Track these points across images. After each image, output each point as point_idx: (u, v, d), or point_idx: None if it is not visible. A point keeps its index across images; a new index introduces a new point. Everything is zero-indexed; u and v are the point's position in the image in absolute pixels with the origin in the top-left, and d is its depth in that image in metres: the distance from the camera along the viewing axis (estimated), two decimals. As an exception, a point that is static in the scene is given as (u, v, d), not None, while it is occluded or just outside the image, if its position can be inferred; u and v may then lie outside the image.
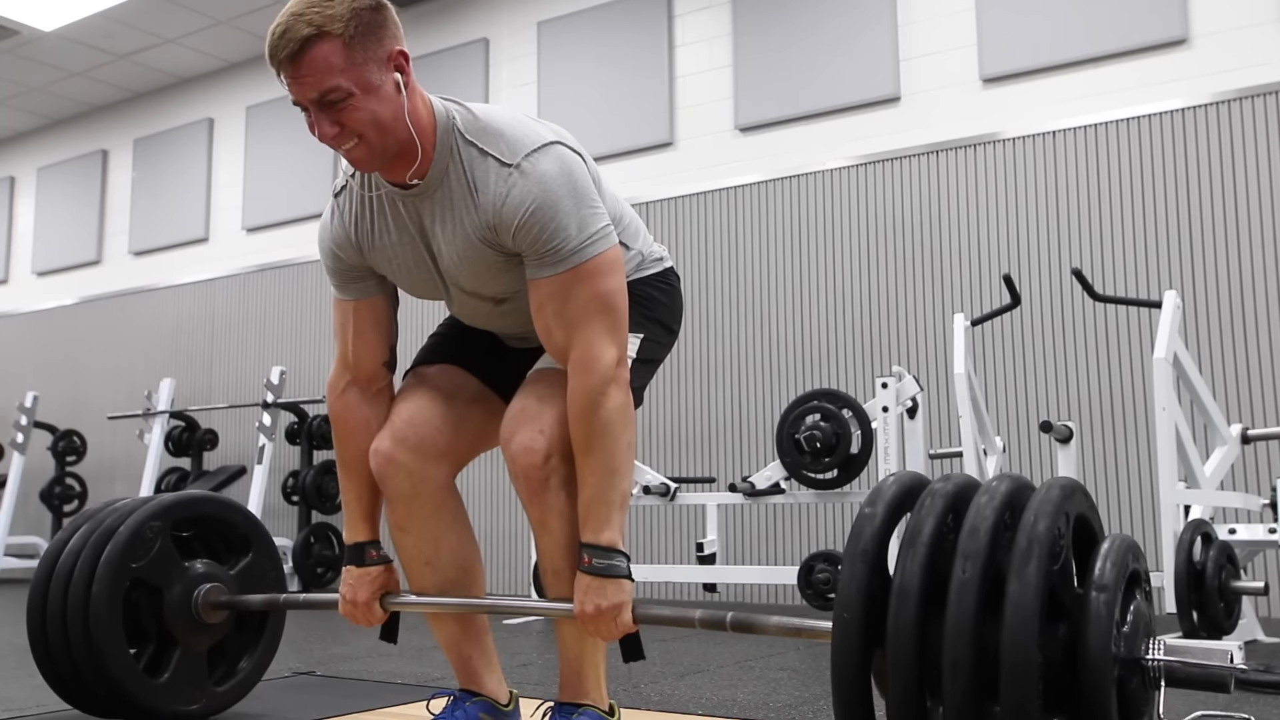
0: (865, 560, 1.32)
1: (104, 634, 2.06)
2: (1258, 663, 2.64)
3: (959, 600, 1.23)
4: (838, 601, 1.32)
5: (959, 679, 1.21)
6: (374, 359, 1.82)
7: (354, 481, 1.84)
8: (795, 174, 5.32)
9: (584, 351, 1.62)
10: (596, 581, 1.60)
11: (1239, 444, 3.50)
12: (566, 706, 1.76)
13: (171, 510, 2.20)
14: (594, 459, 1.62)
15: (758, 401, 5.26)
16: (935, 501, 1.32)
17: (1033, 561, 1.22)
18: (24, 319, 8.29)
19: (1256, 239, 4.33)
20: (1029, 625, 1.19)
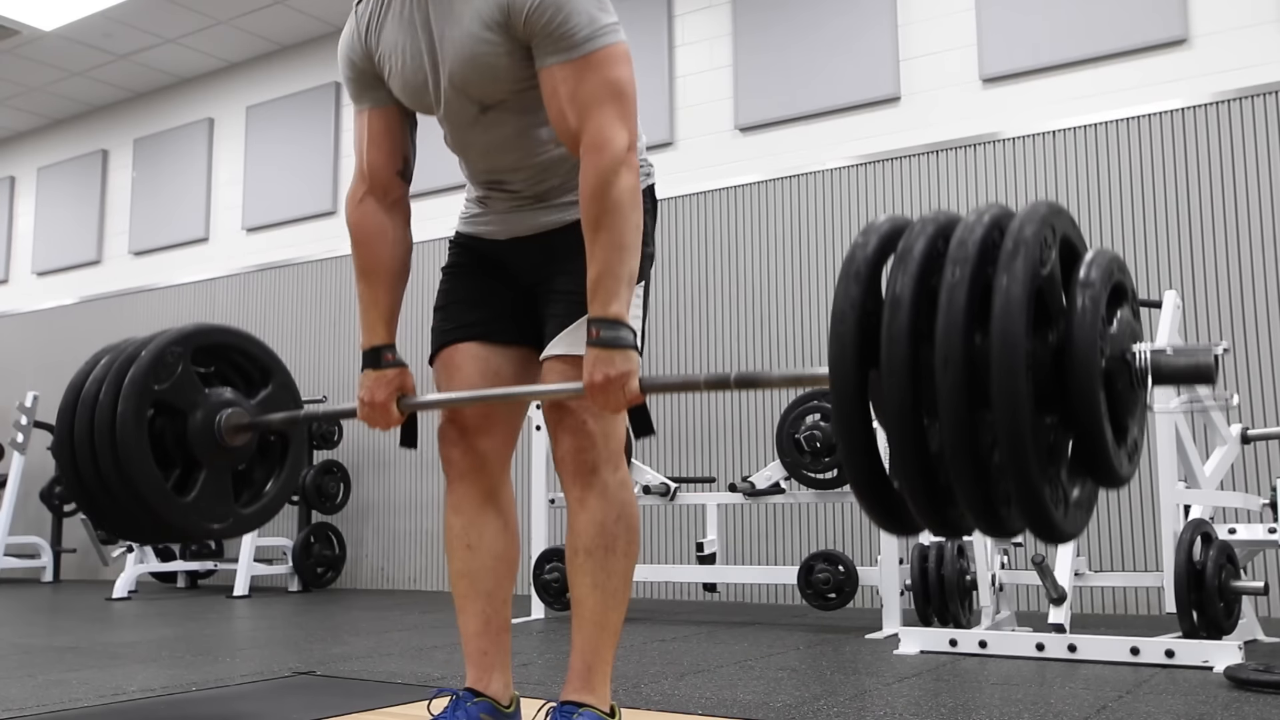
0: (858, 280, 1.35)
1: (131, 451, 2.07)
2: (1258, 663, 2.64)
3: (949, 301, 1.27)
4: (833, 320, 1.35)
5: (950, 374, 1.25)
6: (388, 167, 1.87)
7: (371, 286, 1.88)
8: (795, 174, 5.33)
9: (595, 134, 1.67)
10: (604, 352, 1.64)
11: (1239, 444, 3.50)
12: (568, 706, 1.76)
13: (191, 337, 2.25)
14: (604, 235, 1.66)
15: (758, 401, 5.26)
16: (926, 226, 1.37)
17: (1019, 258, 1.26)
18: (24, 319, 8.29)
19: (1256, 239, 4.33)
20: (1017, 317, 1.23)
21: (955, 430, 1.26)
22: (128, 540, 2.29)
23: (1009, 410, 1.22)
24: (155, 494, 2.09)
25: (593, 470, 1.76)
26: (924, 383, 1.28)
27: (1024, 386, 1.22)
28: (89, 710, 2.40)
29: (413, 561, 6.28)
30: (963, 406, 1.25)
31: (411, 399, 1.88)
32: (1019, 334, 1.23)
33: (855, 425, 1.33)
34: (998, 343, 1.23)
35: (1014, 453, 1.23)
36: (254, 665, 3.07)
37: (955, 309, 1.26)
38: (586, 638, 1.78)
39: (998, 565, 3.45)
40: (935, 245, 1.34)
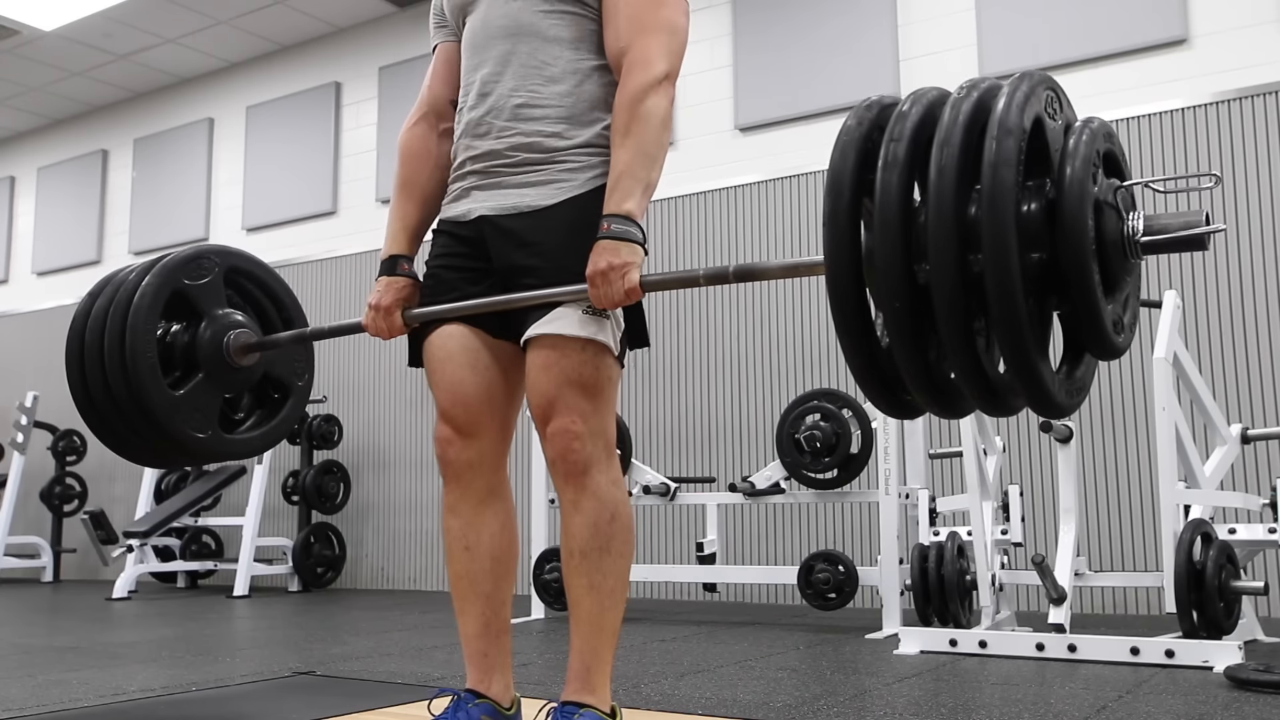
0: (870, 111, 1.43)
1: (139, 324, 2.12)
2: (1258, 663, 2.64)
3: (950, 117, 1.32)
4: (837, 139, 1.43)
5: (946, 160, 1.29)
6: (445, 95, 1.99)
7: (406, 199, 1.96)
8: (795, 174, 5.33)
9: (641, 54, 1.75)
10: (612, 243, 1.69)
11: (1239, 444, 3.50)
12: (569, 706, 1.76)
13: (231, 256, 2.32)
14: (631, 140, 1.73)
15: (758, 401, 5.26)
16: (931, 92, 1.44)
17: (1021, 88, 1.32)
18: (24, 319, 8.29)
19: (1256, 239, 4.33)
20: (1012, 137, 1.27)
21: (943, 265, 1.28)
22: (112, 442, 2.27)
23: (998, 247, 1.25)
24: (148, 375, 2.11)
25: (584, 471, 1.74)
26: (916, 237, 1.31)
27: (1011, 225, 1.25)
28: (89, 710, 2.40)
29: (413, 561, 6.28)
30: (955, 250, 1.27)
31: (416, 310, 1.91)
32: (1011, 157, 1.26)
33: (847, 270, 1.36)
34: (990, 172, 1.26)
35: (1002, 293, 1.24)
36: (254, 665, 3.06)
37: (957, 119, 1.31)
38: (585, 639, 1.78)
39: (998, 565, 3.45)
40: (944, 93, 1.39)
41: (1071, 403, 1.36)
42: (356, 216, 6.75)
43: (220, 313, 2.24)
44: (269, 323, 2.37)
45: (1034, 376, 1.28)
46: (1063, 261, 1.28)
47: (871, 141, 1.40)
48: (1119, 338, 1.36)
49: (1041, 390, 1.29)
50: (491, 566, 1.89)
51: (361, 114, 6.86)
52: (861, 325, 1.36)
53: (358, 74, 6.90)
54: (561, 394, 1.74)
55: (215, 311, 2.24)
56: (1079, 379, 1.38)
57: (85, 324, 2.20)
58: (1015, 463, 4.62)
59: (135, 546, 5.85)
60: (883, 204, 1.32)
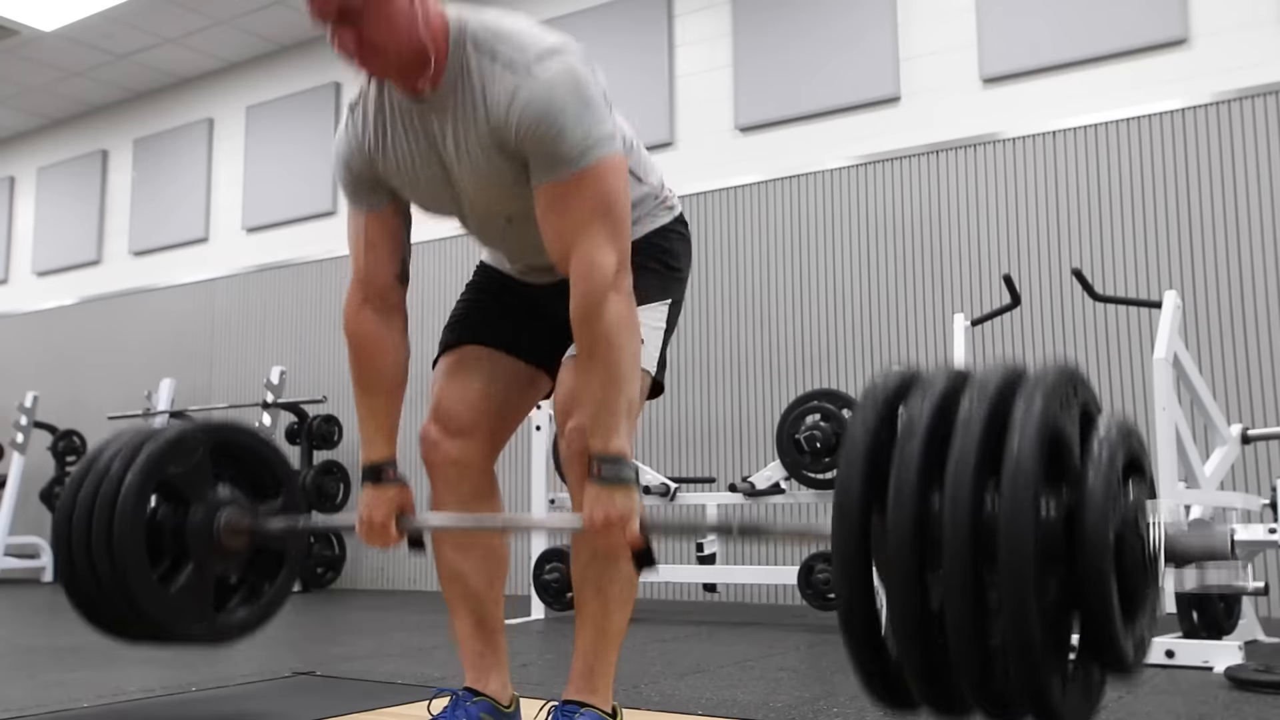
0: (875, 408, 1.33)
1: (126, 523, 2.05)
2: (1258, 663, 2.64)
3: (965, 431, 1.24)
4: (844, 445, 1.32)
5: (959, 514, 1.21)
6: (387, 272, 1.82)
7: (370, 398, 1.85)
8: (795, 174, 5.32)
9: (583, 259, 1.63)
10: (605, 491, 1.61)
11: (1239, 444, 3.49)
12: (570, 706, 1.76)
13: (215, 431, 2.25)
14: (599, 369, 1.62)
15: (758, 401, 5.26)
16: (947, 370, 1.35)
17: (1037, 403, 1.23)
18: (24, 319, 8.29)
19: (1256, 239, 4.33)
20: (1029, 464, 1.19)
21: (958, 582, 1.21)
22: (102, 631, 2.25)
23: (1015, 568, 1.18)
24: (137, 574, 2.06)
25: None
26: (930, 531, 1.24)
27: (1032, 546, 1.18)
28: (89, 710, 2.40)
29: (413, 562, 6.28)
30: (968, 552, 1.21)
31: (411, 518, 1.84)
32: (1032, 477, 1.19)
33: (855, 563, 1.28)
34: (1009, 484, 1.19)
35: (1017, 611, 1.18)
36: (254, 665, 3.06)
37: (970, 440, 1.23)
38: (589, 640, 1.78)
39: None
40: (955, 385, 1.31)
41: (1084, 717, 1.32)
42: (356, 216, 6.74)
43: (210, 491, 2.17)
44: (260, 486, 2.30)
45: (1044, 700, 1.24)
46: (1082, 583, 1.25)
47: (880, 439, 1.33)
48: (1136, 658, 1.33)
49: (1052, 712, 1.26)
50: (482, 566, 1.89)
51: (361, 114, 6.85)
52: (869, 633, 1.30)
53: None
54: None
55: (204, 491, 2.15)
56: (1093, 689, 1.35)
57: (70, 519, 2.14)
58: (1015, 463, 4.61)
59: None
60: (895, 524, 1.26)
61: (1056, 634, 1.26)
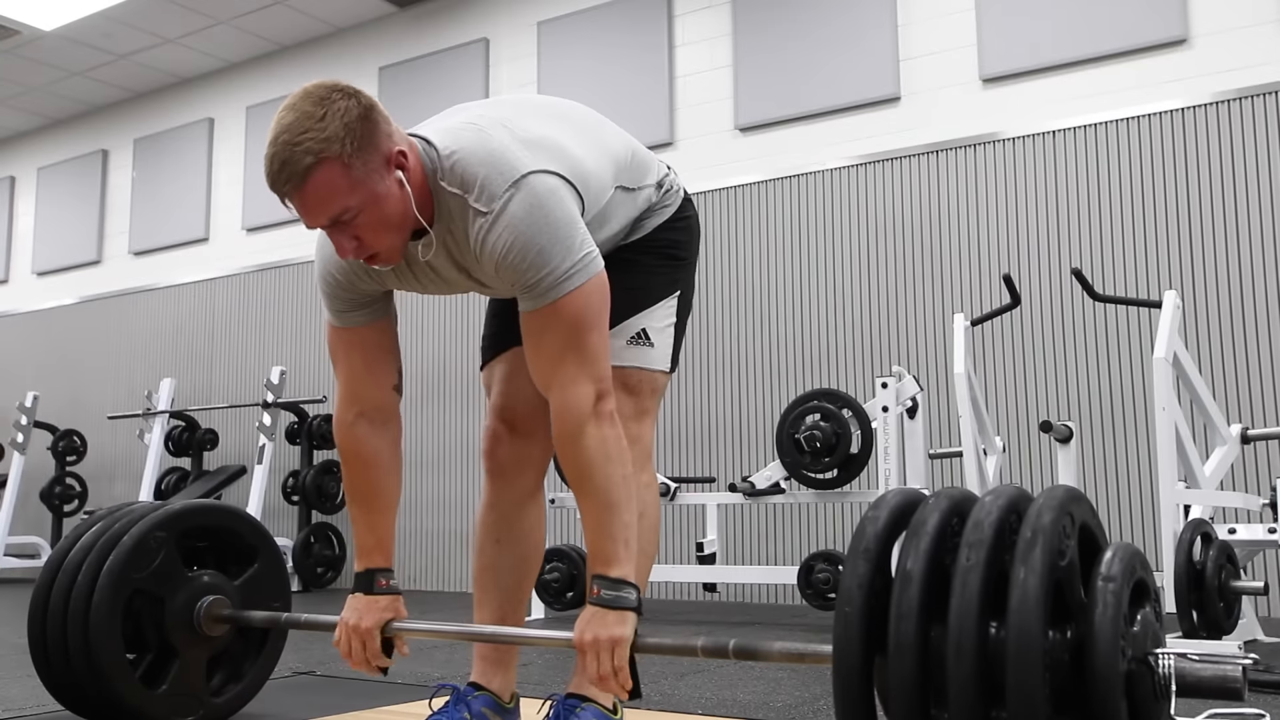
0: (868, 558, 1.30)
1: (102, 643, 2.05)
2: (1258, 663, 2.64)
3: (964, 586, 1.21)
4: (839, 598, 1.30)
5: (963, 664, 1.18)
6: (385, 385, 1.79)
7: (367, 512, 1.82)
8: (795, 174, 5.33)
9: (560, 394, 1.63)
10: (600, 612, 1.60)
11: (1239, 444, 3.49)
12: (572, 700, 1.77)
13: (179, 520, 2.19)
14: (589, 499, 1.63)
15: (758, 401, 5.26)
16: (940, 501, 1.31)
17: (1038, 548, 1.20)
18: (24, 319, 8.29)
19: (1256, 239, 4.33)
20: (1035, 610, 1.17)
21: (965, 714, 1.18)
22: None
23: (1024, 709, 1.15)
24: (125, 687, 2.06)
25: None
26: (933, 671, 1.22)
27: (1041, 685, 1.16)
28: (89, 710, 2.40)
29: (413, 561, 6.28)
30: (975, 696, 1.18)
31: (400, 625, 1.80)
32: (1037, 628, 1.16)
33: (858, 715, 1.26)
34: (1015, 636, 1.16)
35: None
36: (254, 665, 3.06)
37: (970, 594, 1.20)
38: None
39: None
40: (949, 522, 1.28)
41: None
42: (356, 216, 6.74)
43: (184, 580, 2.15)
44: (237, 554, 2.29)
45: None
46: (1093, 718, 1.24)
47: (875, 593, 1.31)
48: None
49: None
50: (517, 563, 1.92)
51: (361, 114, 6.85)
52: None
53: (358, 74, 6.89)
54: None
55: (178, 583, 2.14)
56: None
57: (44, 631, 2.13)
58: (1015, 463, 4.62)
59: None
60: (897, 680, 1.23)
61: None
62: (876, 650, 1.27)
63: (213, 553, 2.28)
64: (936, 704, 1.23)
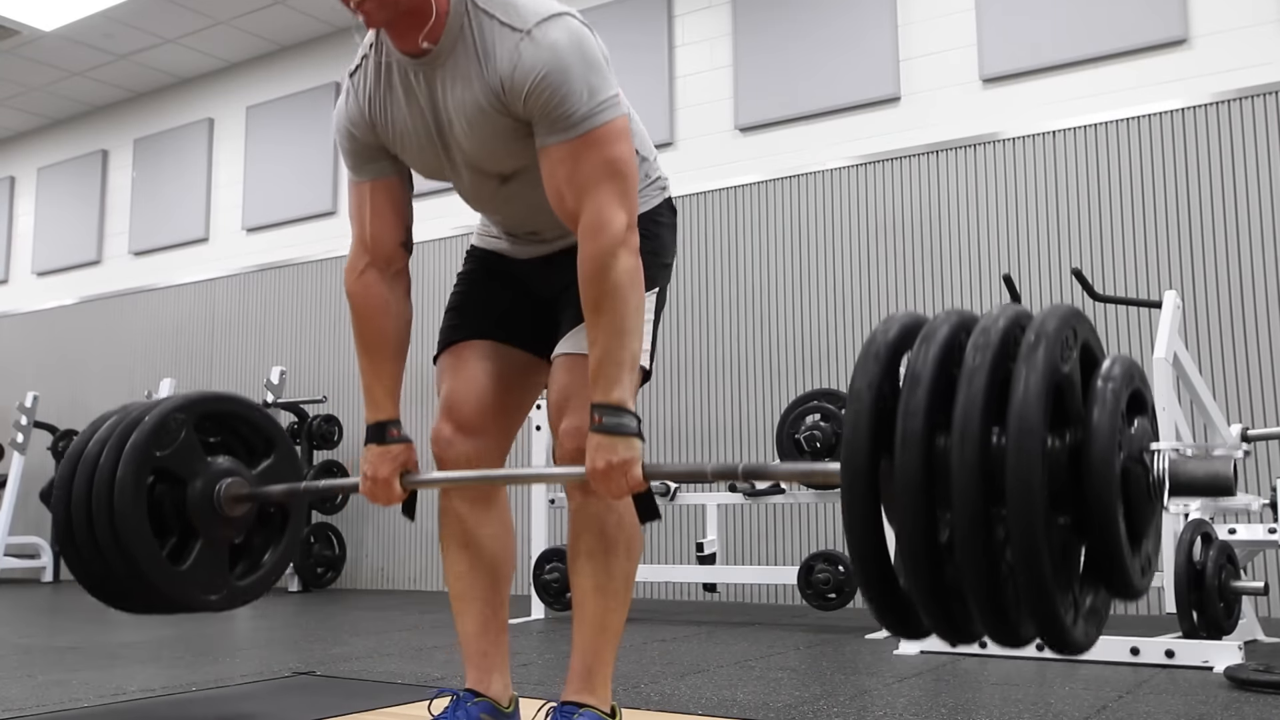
0: (878, 361, 1.33)
1: (128, 516, 2.06)
2: (1258, 663, 2.64)
3: (969, 384, 1.25)
4: (849, 400, 1.33)
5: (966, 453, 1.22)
6: (392, 239, 1.84)
7: (375, 361, 1.86)
8: (795, 174, 5.33)
9: (594, 216, 1.64)
10: (607, 439, 1.62)
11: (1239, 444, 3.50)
12: (569, 706, 1.76)
13: (196, 405, 2.23)
14: (604, 320, 1.64)
15: (758, 401, 5.26)
16: (949, 317, 1.35)
17: (1041, 349, 1.25)
18: (24, 319, 8.29)
19: (1256, 239, 4.33)
20: (1036, 407, 1.21)
21: (968, 516, 1.22)
22: (121, 609, 2.26)
23: (1023, 502, 1.19)
24: (150, 562, 2.06)
25: None
26: (937, 473, 1.25)
27: (1040, 479, 1.19)
28: (89, 710, 2.40)
29: (413, 561, 6.28)
30: (976, 490, 1.22)
31: (415, 476, 1.85)
32: (1038, 423, 1.20)
33: (864, 512, 1.28)
34: (1015, 431, 1.20)
35: (1027, 548, 1.19)
36: (254, 665, 3.06)
37: (975, 392, 1.24)
38: (587, 639, 1.78)
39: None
40: (957, 334, 1.31)
41: (1088, 641, 1.34)
42: (356, 216, 6.74)
43: (204, 465, 2.17)
44: (251, 448, 2.31)
45: (1055, 626, 1.26)
46: (1089, 515, 1.27)
47: (884, 393, 1.34)
48: (1142, 581, 1.35)
49: (1061, 637, 1.28)
50: (490, 566, 1.89)
51: (361, 114, 6.85)
52: (880, 564, 1.32)
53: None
54: (580, 392, 1.74)
55: (198, 467, 2.16)
56: (1099, 613, 1.37)
57: (69, 515, 2.14)
58: (1015, 463, 4.61)
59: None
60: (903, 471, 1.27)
61: (1065, 562, 1.28)
62: (883, 451, 1.29)
63: (228, 447, 2.29)
64: (941, 504, 1.27)
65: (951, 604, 1.29)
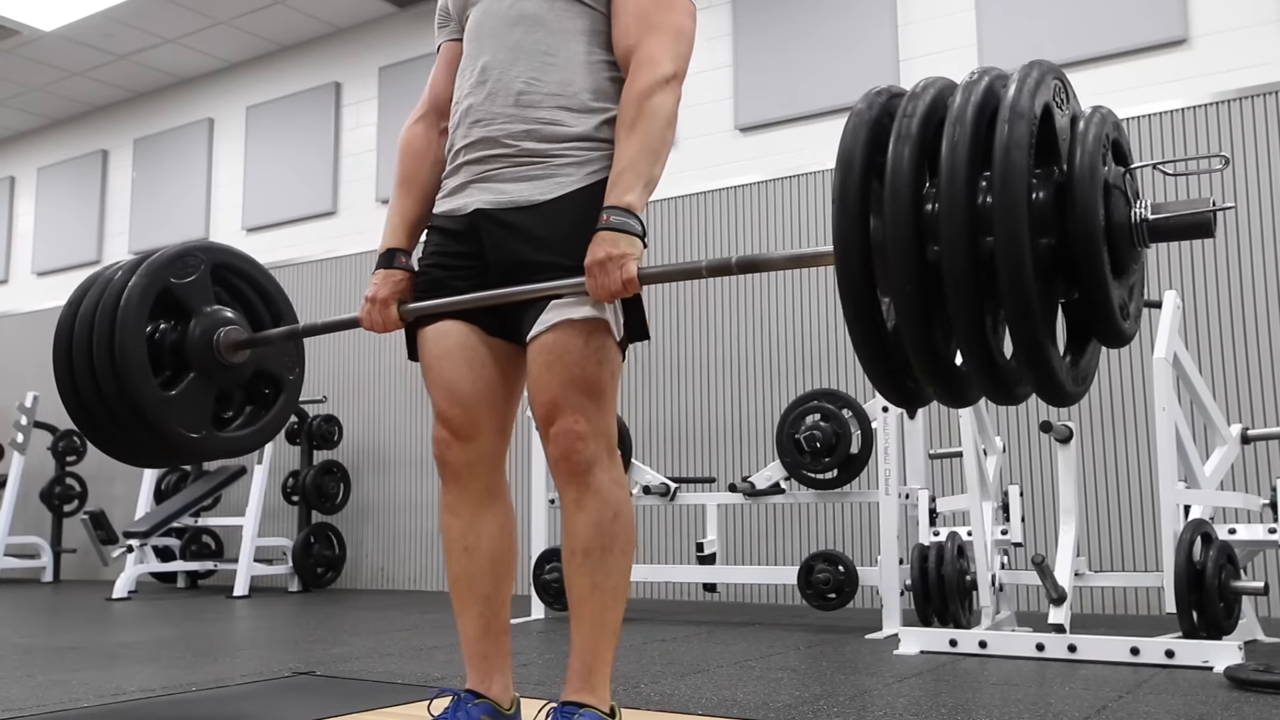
0: (879, 97, 1.46)
1: (129, 325, 2.09)
2: (1258, 663, 2.64)
3: (961, 101, 1.33)
4: (843, 132, 1.43)
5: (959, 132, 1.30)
6: (447, 91, 1.98)
7: (406, 194, 1.97)
8: (795, 174, 5.32)
9: (648, 53, 1.78)
10: (611, 234, 1.69)
11: (1239, 444, 3.50)
12: (569, 707, 1.76)
13: (215, 251, 2.32)
14: (636, 134, 1.76)
15: (758, 401, 5.26)
16: (940, 79, 1.45)
17: (1031, 75, 1.32)
18: (24, 319, 8.29)
19: (1256, 239, 4.33)
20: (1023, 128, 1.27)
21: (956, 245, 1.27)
22: (105, 446, 2.25)
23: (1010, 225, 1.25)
24: (139, 376, 2.08)
25: (587, 470, 1.74)
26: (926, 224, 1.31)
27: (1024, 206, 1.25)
28: (89, 710, 2.40)
29: (413, 561, 6.28)
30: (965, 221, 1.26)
31: (412, 305, 1.89)
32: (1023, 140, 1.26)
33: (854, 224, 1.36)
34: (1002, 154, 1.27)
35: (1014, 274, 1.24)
36: (254, 665, 3.07)
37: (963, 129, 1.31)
38: (586, 638, 1.78)
39: (998, 565, 3.45)
40: (952, 83, 1.39)
41: (1077, 390, 1.36)
42: (356, 216, 6.75)
43: (209, 310, 2.22)
44: (258, 318, 2.34)
45: (1042, 361, 1.28)
46: (1073, 245, 1.29)
47: (881, 126, 1.41)
48: (1126, 323, 1.37)
49: (1049, 375, 1.29)
50: (491, 567, 1.89)
51: (361, 114, 6.86)
52: (870, 309, 1.36)
53: (358, 74, 6.90)
54: (565, 394, 1.73)
55: (204, 309, 2.21)
56: (1084, 367, 1.39)
57: (72, 325, 2.17)
58: (1015, 463, 4.62)
59: (135, 547, 5.85)
60: (894, 182, 1.32)
61: (1051, 303, 1.33)
62: (873, 176, 1.37)
63: (238, 308, 2.32)
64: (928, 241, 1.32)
65: (940, 345, 1.33)
